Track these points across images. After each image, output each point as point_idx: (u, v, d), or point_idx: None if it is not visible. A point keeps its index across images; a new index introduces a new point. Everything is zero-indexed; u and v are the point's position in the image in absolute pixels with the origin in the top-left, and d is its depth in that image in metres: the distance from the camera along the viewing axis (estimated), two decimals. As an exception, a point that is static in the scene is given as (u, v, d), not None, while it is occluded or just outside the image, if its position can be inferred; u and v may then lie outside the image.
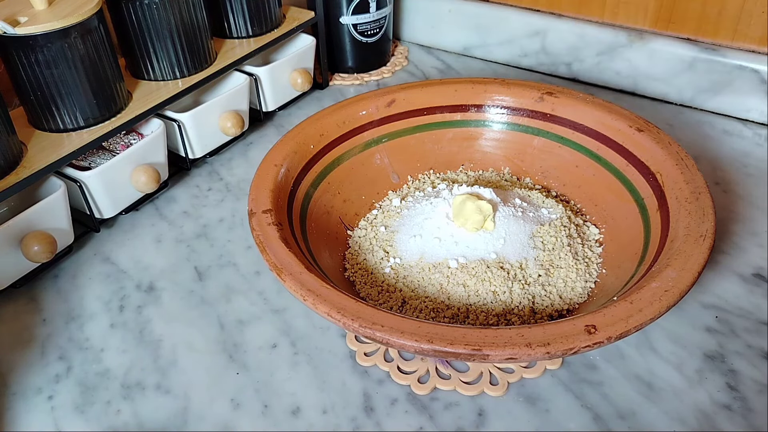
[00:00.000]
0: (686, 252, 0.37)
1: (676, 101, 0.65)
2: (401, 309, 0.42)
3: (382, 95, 0.53)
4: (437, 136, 0.54)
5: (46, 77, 0.46)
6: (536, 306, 0.42)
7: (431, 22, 0.77)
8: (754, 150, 0.58)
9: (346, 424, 0.37)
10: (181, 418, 0.38)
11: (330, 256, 0.46)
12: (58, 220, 0.47)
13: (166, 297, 0.46)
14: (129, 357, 0.42)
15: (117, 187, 0.50)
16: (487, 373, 0.39)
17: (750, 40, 0.60)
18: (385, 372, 0.40)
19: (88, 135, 0.49)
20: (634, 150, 0.47)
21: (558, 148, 0.52)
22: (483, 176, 0.54)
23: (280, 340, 0.43)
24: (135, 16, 0.51)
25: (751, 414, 0.37)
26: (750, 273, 0.46)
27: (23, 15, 0.45)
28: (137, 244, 0.51)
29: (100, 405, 0.39)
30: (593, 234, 0.47)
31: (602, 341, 0.32)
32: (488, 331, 0.33)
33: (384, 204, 0.51)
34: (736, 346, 0.41)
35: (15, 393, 0.40)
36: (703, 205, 0.40)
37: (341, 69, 0.74)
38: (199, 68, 0.56)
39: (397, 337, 0.33)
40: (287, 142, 0.48)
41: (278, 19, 0.64)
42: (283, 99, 0.65)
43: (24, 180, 0.45)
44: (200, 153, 0.58)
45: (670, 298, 0.34)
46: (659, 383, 0.39)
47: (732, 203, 0.52)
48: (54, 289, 0.47)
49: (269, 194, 0.43)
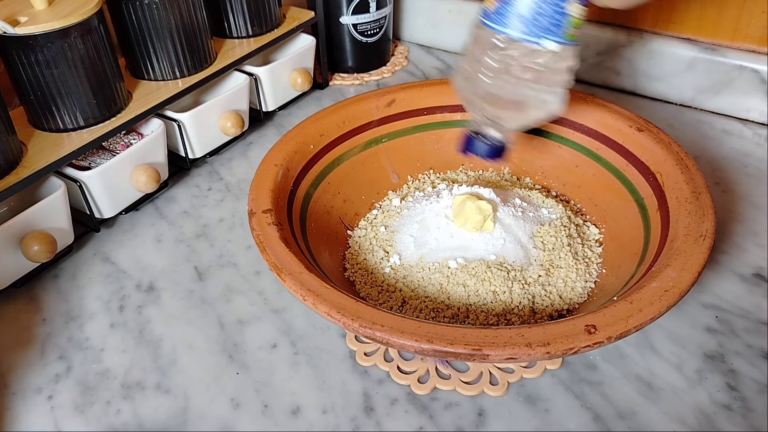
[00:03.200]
0: (686, 252, 0.37)
1: (676, 101, 0.65)
2: (401, 309, 0.42)
3: (382, 95, 0.53)
4: (437, 136, 0.54)
5: (46, 77, 0.46)
6: (536, 306, 0.42)
7: (431, 22, 0.77)
8: (754, 150, 0.58)
9: (346, 424, 0.37)
10: (181, 418, 0.38)
11: (330, 256, 0.46)
12: (58, 220, 0.47)
13: (166, 297, 0.46)
14: (129, 357, 0.42)
15: (117, 187, 0.50)
16: (487, 373, 0.39)
17: (750, 40, 0.60)
18: (385, 372, 0.40)
19: (88, 135, 0.49)
20: (634, 150, 0.47)
21: (558, 148, 0.52)
22: (483, 176, 0.54)
23: (280, 340, 0.43)
24: (135, 16, 0.51)
25: (751, 414, 0.37)
26: (750, 273, 0.46)
27: (23, 15, 0.45)
28: (137, 244, 0.51)
29: (100, 405, 0.39)
30: (593, 234, 0.47)
31: (602, 341, 0.32)
32: (488, 331, 0.33)
33: (384, 204, 0.51)
34: (736, 346, 0.41)
35: (15, 393, 0.40)
36: (703, 205, 0.40)
37: (341, 69, 0.74)
38: (199, 68, 0.56)
39: (397, 337, 0.33)
40: (287, 142, 0.48)
41: (278, 19, 0.64)
42: (283, 99, 0.65)
43: (24, 180, 0.45)
44: (200, 153, 0.58)
45: (670, 298, 0.34)
46: (659, 383, 0.39)
47: (732, 203, 0.52)
48: (54, 289, 0.47)
49: (269, 194, 0.43)
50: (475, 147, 0.45)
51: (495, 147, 0.44)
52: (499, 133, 0.44)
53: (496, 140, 0.44)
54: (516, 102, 0.41)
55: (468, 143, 0.45)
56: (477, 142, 0.44)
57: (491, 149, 0.44)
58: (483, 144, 0.44)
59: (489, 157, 0.45)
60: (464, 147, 0.45)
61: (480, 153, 0.45)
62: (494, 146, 0.44)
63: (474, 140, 0.45)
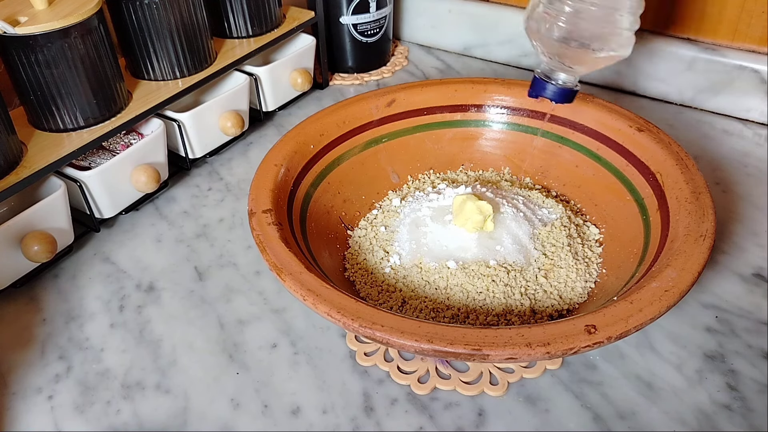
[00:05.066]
0: (686, 252, 0.37)
1: (676, 101, 0.65)
2: (401, 309, 0.42)
3: (382, 95, 0.53)
4: (437, 136, 0.54)
5: (46, 77, 0.46)
6: (536, 306, 0.42)
7: (431, 22, 0.77)
8: (754, 150, 0.58)
9: (346, 424, 0.37)
10: (181, 418, 0.38)
11: (330, 256, 0.46)
12: (58, 220, 0.47)
13: (166, 297, 0.46)
14: (129, 357, 0.42)
15: (117, 187, 0.50)
16: (487, 373, 0.39)
17: (750, 40, 0.60)
18: (385, 372, 0.40)
19: (88, 135, 0.49)
20: (634, 150, 0.47)
21: (558, 148, 0.52)
22: (483, 176, 0.54)
23: (280, 340, 0.43)
24: (135, 16, 0.51)
25: (751, 414, 0.37)
26: (750, 273, 0.46)
27: (23, 15, 0.45)
28: (137, 244, 0.51)
29: (100, 405, 0.39)
30: (593, 234, 0.47)
31: (602, 341, 0.32)
32: (488, 331, 0.33)
33: (384, 204, 0.51)
34: (736, 346, 0.41)
35: (15, 393, 0.40)
36: (703, 205, 0.40)
37: (341, 69, 0.74)
38: (199, 68, 0.56)
39: (397, 337, 0.33)
40: (287, 142, 0.48)
41: (278, 19, 0.64)
42: (283, 99, 0.65)
43: (24, 180, 0.45)
44: (200, 153, 0.58)
45: (670, 298, 0.34)
46: (659, 383, 0.39)
47: (732, 203, 0.52)
48: (54, 289, 0.47)
49: (269, 194, 0.43)
50: (545, 89, 0.46)
51: (565, 90, 0.46)
52: (568, 76, 0.46)
53: (566, 83, 0.46)
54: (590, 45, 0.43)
55: (538, 86, 0.47)
56: (547, 85, 0.46)
57: (561, 92, 0.46)
58: (553, 87, 0.46)
59: (558, 100, 0.46)
60: (534, 90, 0.47)
61: (550, 96, 0.46)
62: (564, 89, 0.46)
63: (544, 83, 0.46)
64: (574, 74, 0.46)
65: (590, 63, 0.45)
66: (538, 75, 0.47)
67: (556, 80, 0.46)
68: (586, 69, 0.46)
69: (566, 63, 0.45)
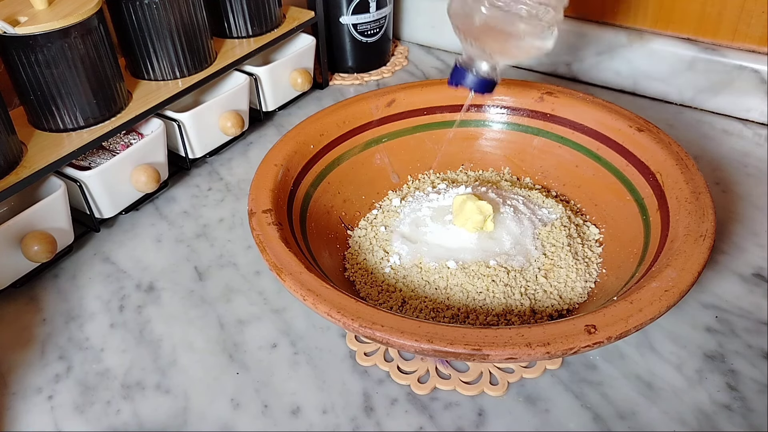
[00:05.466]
0: (686, 252, 0.37)
1: (676, 101, 0.65)
2: (401, 309, 0.42)
3: (382, 95, 0.53)
4: (437, 136, 0.54)
5: (46, 77, 0.46)
6: (536, 306, 0.42)
7: (431, 22, 0.77)
8: (754, 150, 0.58)
9: (346, 424, 0.37)
10: (181, 418, 0.38)
11: (330, 256, 0.46)
12: (58, 220, 0.47)
13: (166, 297, 0.46)
14: (129, 357, 0.42)
15: (117, 187, 0.50)
16: (487, 373, 0.39)
17: (750, 40, 0.60)
18: (385, 372, 0.40)
19: (88, 135, 0.49)
20: (634, 150, 0.47)
21: (558, 148, 0.52)
22: (483, 176, 0.54)
23: (280, 340, 0.43)
24: (135, 16, 0.51)
25: (751, 414, 0.37)
26: (750, 273, 0.46)
27: (23, 15, 0.45)
28: (137, 244, 0.51)
29: (100, 405, 0.39)
30: (593, 234, 0.47)
31: (602, 341, 0.32)
32: (488, 331, 0.33)
33: (384, 204, 0.51)
34: (736, 346, 0.41)
35: (15, 393, 0.40)
36: (703, 205, 0.40)
37: (341, 69, 0.74)
38: (199, 68, 0.56)
39: (397, 336, 0.33)
40: (287, 142, 0.48)
41: (278, 19, 0.64)
42: (283, 99, 0.65)
43: (24, 180, 0.45)
44: (200, 153, 0.58)
45: (670, 298, 0.34)
46: (659, 383, 0.39)
47: (732, 203, 0.52)
48: (54, 289, 0.47)
49: (269, 194, 0.43)
50: (464, 79, 0.45)
51: (485, 80, 0.44)
52: (490, 67, 0.44)
53: (486, 74, 0.44)
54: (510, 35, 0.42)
55: (458, 74, 0.45)
56: (468, 74, 0.45)
57: (481, 82, 0.45)
58: (473, 77, 0.44)
59: (478, 90, 0.45)
60: (454, 78, 0.45)
61: (469, 85, 0.45)
62: (484, 79, 0.44)
63: (464, 72, 0.45)
64: (495, 64, 0.45)
65: (511, 53, 0.44)
66: (459, 63, 0.45)
67: (477, 70, 0.45)
68: (508, 59, 0.44)
69: (487, 50, 0.43)
